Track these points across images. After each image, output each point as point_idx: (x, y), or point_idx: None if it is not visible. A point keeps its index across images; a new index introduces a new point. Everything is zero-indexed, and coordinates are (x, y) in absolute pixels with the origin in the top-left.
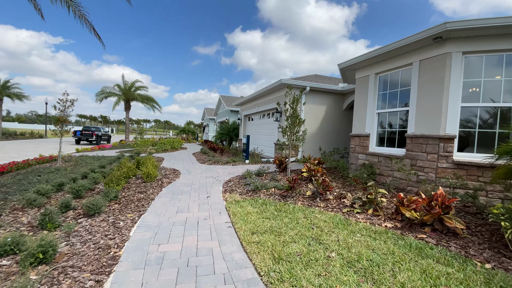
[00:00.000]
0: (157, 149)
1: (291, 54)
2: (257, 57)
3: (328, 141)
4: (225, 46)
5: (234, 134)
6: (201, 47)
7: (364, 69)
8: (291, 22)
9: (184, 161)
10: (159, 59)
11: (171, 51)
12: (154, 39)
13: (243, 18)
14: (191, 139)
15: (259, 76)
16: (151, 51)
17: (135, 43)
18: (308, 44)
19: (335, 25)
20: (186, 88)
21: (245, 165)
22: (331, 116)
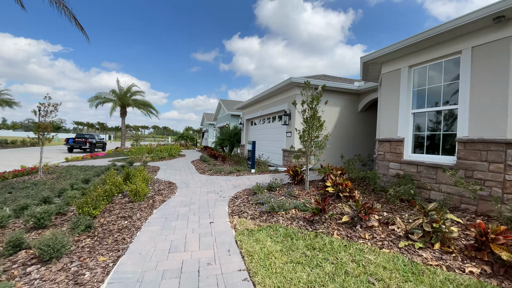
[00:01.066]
0: (153, 157)
1: (289, 59)
2: (255, 63)
3: (343, 147)
4: (224, 52)
5: (235, 139)
6: (200, 54)
7: (393, 62)
8: (289, 29)
9: (181, 171)
10: (159, 66)
11: (171, 58)
12: (153, 46)
13: (241, 25)
14: (189, 145)
15: (258, 82)
16: (151, 58)
17: (134, 51)
18: (306, 49)
19: (332, 31)
20: (185, 94)
21: (251, 176)
22: (345, 118)
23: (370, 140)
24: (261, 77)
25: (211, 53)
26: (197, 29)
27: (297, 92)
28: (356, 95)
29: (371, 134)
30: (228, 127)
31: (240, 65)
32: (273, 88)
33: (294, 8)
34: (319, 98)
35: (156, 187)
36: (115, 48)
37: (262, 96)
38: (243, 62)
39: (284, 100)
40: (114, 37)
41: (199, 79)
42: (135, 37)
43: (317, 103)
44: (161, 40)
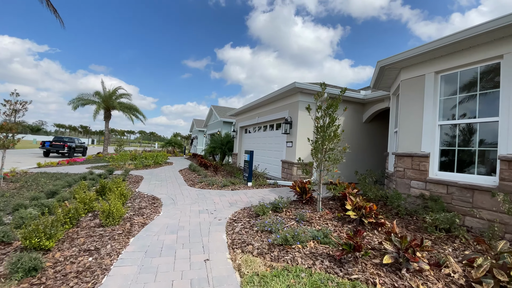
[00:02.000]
0: (136, 164)
1: (280, 70)
2: (246, 72)
3: (348, 160)
4: (215, 61)
5: (227, 148)
6: (191, 61)
7: (416, 67)
8: (280, 40)
9: (168, 182)
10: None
11: (161, 64)
12: (144, 51)
13: (233, 35)
14: (177, 152)
15: (248, 91)
16: (141, 63)
17: (124, 55)
18: (296, 61)
19: (321, 45)
20: (175, 100)
21: (248, 190)
22: (349, 129)
23: (375, 153)
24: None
25: (203, 60)
26: (189, 36)
27: (300, 99)
28: (361, 105)
29: (376, 146)
30: (219, 134)
31: (231, 73)
32: (273, 93)
33: (285, 21)
34: (337, 104)
35: (137, 204)
36: (104, 51)
37: (260, 102)
38: (234, 71)
39: (284, 107)
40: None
41: (189, 85)
42: (125, 42)
43: (334, 110)
44: (152, 45)
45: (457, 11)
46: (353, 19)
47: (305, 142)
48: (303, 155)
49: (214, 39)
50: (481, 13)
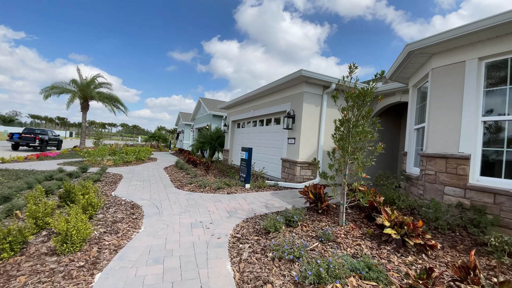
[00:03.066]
0: (116, 160)
1: (267, 66)
2: (233, 67)
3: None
4: (202, 53)
5: (218, 143)
6: (177, 53)
7: (454, 52)
8: (267, 36)
9: (152, 183)
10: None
11: (146, 55)
12: (127, 41)
13: (220, 28)
14: (162, 147)
15: (235, 85)
16: (124, 53)
17: (107, 44)
18: (283, 57)
19: (308, 42)
20: (159, 93)
21: (247, 194)
22: None
23: (384, 151)
24: (238, 81)
25: (189, 53)
26: (175, 28)
27: (305, 90)
28: None
29: (390, 145)
30: (209, 128)
31: (218, 67)
32: (273, 83)
33: (273, 16)
34: (372, 92)
35: (111, 215)
36: (85, 40)
37: (256, 94)
38: (221, 64)
39: (286, 99)
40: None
41: (175, 78)
42: (107, 31)
43: (370, 99)
44: (136, 36)
45: (438, 13)
46: (340, 18)
47: (309, 139)
48: (307, 153)
49: (201, 32)
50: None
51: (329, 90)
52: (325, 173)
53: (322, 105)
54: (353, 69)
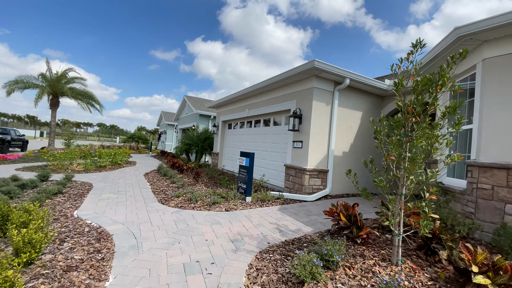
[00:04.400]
0: (87, 165)
1: (251, 68)
2: (217, 68)
3: (363, 167)
4: (185, 53)
5: (206, 145)
6: (159, 52)
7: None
8: (252, 38)
9: (129, 195)
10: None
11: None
12: (107, 38)
13: (204, 29)
14: (142, 148)
15: (219, 86)
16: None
17: (84, 41)
18: (267, 60)
19: (292, 46)
20: (140, 92)
21: (250, 210)
22: (366, 128)
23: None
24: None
25: (172, 52)
26: (158, 26)
27: (315, 85)
28: (380, 98)
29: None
30: (195, 129)
31: (202, 67)
32: (276, 77)
33: (257, 19)
34: (449, 76)
35: (64, 253)
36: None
37: (253, 91)
38: (205, 65)
39: (290, 97)
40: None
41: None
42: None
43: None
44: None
45: (413, 23)
46: (322, 23)
47: (319, 143)
48: (317, 159)
49: (184, 31)
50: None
51: (342, 86)
52: (366, 189)
53: (333, 103)
54: (418, 47)
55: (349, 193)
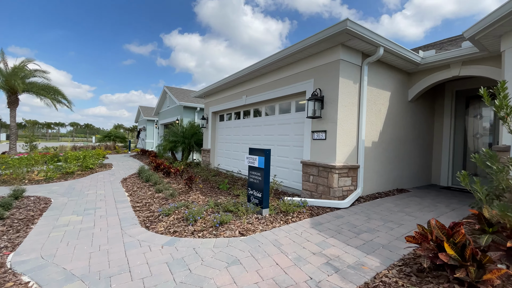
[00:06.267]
0: (49, 172)
1: (231, 60)
2: (196, 61)
3: (396, 156)
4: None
5: (194, 141)
6: (134, 46)
7: None
8: (230, 30)
9: (98, 215)
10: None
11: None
12: (76, 32)
13: (181, 21)
14: (119, 148)
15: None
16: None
17: (51, 35)
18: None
19: (271, 37)
20: (116, 89)
21: (274, 230)
22: (394, 111)
23: (420, 146)
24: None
25: (148, 46)
26: (131, 18)
27: (342, 57)
28: (407, 75)
29: (422, 137)
30: (180, 123)
31: (180, 61)
32: (287, 50)
33: (234, 10)
34: None
35: None
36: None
37: (252, 72)
38: (183, 58)
39: (306, 75)
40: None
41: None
42: (53, 20)
43: None
44: (86, 25)
45: (385, 13)
46: (299, 14)
47: (348, 131)
48: (346, 152)
49: (160, 24)
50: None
51: (372, 59)
52: None
53: (361, 80)
54: None
55: (380, 192)
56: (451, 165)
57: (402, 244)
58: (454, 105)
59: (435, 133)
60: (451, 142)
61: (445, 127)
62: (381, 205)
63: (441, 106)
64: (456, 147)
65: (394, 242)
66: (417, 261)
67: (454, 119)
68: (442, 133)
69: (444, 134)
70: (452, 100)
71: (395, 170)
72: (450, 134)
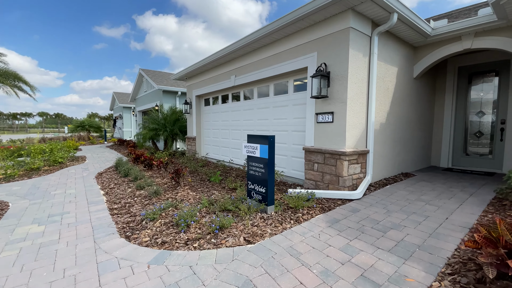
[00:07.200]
0: (9, 169)
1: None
2: (173, 44)
3: (402, 137)
4: (135, 29)
5: (177, 128)
6: (105, 28)
7: None
8: (208, 11)
9: (66, 223)
10: (49, 38)
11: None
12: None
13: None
14: (94, 138)
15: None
16: (37, 27)
17: (10, 17)
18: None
19: (251, 19)
20: (88, 75)
21: (287, 234)
22: (401, 89)
23: (424, 126)
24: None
25: (120, 28)
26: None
27: (352, 25)
28: (413, 49)
29: (426, 116)
30: (160, 110)
31: (156, 44)
32: (287, 17)
33: None
34: None
35: None
36: None
37: (242, 47)
38: (159, 41)
39: (309, 47)
40: None
41: (105, 57)
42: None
43: None
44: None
45: None
46: None
47: (358, 112)
48: (355, 136)
49: (132, 4)
50: None
51: (384, 28)
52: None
53: (371, 53)
54: None
55: (387, 178)
56: (452, 145)
57: (439, 243)
58: (456, 83)
59: (435, 112)
60: (452, 121)
61: (447, 106)
62: (395, 193)
63: (443, 83)
64: (457, 127)
65: (429, 241)
66: (469, 267)
67: (455, 98)
68: (444, 112)
69: (446, 114)
70: (454, 77)
71: (401, 153)
72: (452, 113)
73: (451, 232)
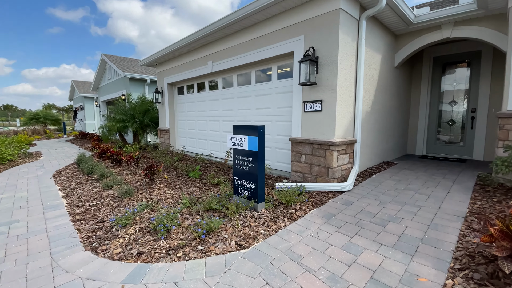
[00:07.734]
0: None
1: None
2: (138, 30)
3: (385, 128)
4: (96, 13)
5: (148, 119)
6: (61, 11)
7: None
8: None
9: (14, 235)
10: None
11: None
12: None
13: None
14: (52, 132)
15: (144, 51)
16: None
17: None
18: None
19: (222, 6)
20: (43, 62)
21: (282, 234)
22: (384, 78)
23: (401, 115)
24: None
25: (78, 11)
26: None
27: (341, 5)
28: (394, 37)
29: (403, 105)
30: (127, 99)
31: (119, 30)
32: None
33: None
34: None
35: None
36: None
37: (220, 29)
38: (123, 27)
39: (295, 29)
40: None
41: (62, 43)
42: None
43: None
44: None
45: None
46: None
47: (346, 101)
48: (344, 125)
49: None
50: None
51: (372, 12)
52: None
53: (359, 38)
54: None
55: (371, 167)
56: (426, 134)
57: (440, 235)
58: (431, 72)
59: (412, 101)
60: (427, 110)
61: (422, 95)
62: (382, 183)
63: (419, 73)
64: (432, 115)
65: (429, 233)
66: (477, 261)
67: (430, 87)
68: (419, 101)
69: (421, 102)
70: (429, 67)
71: (383, 142)
72: (427, 102)
73: (448, 222)
